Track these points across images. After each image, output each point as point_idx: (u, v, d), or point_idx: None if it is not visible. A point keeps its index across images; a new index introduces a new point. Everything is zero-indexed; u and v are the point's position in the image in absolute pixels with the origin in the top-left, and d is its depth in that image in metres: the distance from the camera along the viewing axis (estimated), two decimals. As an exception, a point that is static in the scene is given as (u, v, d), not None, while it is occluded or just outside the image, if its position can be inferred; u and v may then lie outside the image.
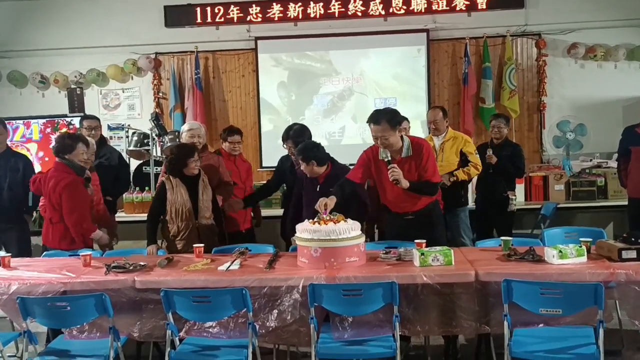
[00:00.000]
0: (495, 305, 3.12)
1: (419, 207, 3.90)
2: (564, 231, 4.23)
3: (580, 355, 2.92)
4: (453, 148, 5.01)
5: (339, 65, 7.63)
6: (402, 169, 3.74)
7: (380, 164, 3.81)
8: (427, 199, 3.90)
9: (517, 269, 3.16)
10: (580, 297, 2.89)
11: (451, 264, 3.26)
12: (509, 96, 7.29)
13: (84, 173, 4.25)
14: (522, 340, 3.05)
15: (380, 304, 3.04)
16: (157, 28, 7.64)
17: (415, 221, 3.89)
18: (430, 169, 3.81)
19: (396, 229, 3.98)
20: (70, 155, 4.20)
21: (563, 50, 7.39)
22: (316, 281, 3.09)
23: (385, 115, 3.76)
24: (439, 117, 5.08)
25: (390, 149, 3.77)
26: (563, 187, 6.13)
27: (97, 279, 3.28)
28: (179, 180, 4.23)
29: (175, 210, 4.18)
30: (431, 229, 3.86)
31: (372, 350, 3.10)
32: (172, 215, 4.19)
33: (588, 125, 7.25)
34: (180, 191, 4.20)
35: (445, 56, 7.56)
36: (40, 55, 7.75)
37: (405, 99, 7.44)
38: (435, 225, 3.95)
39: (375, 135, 3.79)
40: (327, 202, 3.58)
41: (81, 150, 4.22)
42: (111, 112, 7.91)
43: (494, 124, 5.60)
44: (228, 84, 7.81)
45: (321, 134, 7.24)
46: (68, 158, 4.20)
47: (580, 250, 3.24)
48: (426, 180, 3.80)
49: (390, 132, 3.72)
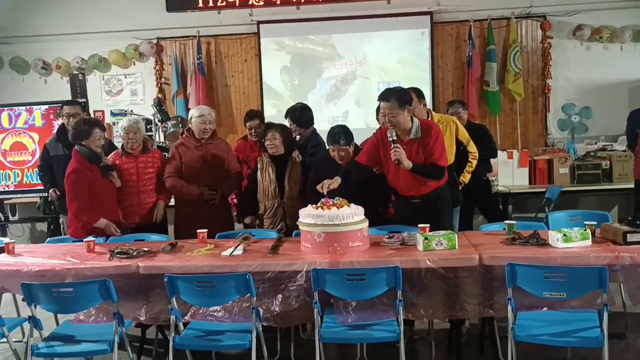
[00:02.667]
0: (499, 289, 3.11)
1: (425, 191, 3.86)
2: (568, 215, 4.21)
3: (584, 338, 2.92)
4: (446, 135, 4.22)
5: (341, 49, 7.57)
6: (410, 151, 3.72)
7: (388, 145, 3.77)
8: (434, 183, 3.86)
9: (521, 253, 3.15)
10: (584, 280, 2.88)
11: (455, 248, 3.25)
12: (513, 79, 7.23)
13: (99, 161, 4.22)
14: (526, 324, 3.05)
15: (383, 289, 3.04)
16: (159, 13, 7.58)
17: (422, 205, 3.86)
18: (437, 152, 3.75)
19: (402, 213, 3.96)
20: (87, 142, 4.18)
21: (568, 32, 7.30)
22: (319, 266, 3.09)
23: (395, 94, 3.76)
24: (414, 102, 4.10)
25: (398, 129, 3.75)
26: (568, 170, 6.10)
27: (101, 264, 3.29)
28: (269, 160, 4.35)
29: (262, 189, 4.33)
30: (437, 215, 3.83)
31: (375, 334, 3.10)
32: (260, 193, 4.35)
33: (593, 108, 7.18)
34: (269, 170, 4.33)
35: (449, 39, 7.49)
36: (42, 41, 7.71)
37: (409, 83, 7.28)
38: (441, 210, 3.91)
39: (384, 112, 3.77)
40: (331, 183, 3.59)
41: (98, 136, 4.20)
42: (113, 98, 7.90)
43: (452, 111, 5.31)
44: (230, 69, 7.77)
45: (324, 119, 7.20)
46: (85, 144, 4.18)
47: (585, 234, 3.22)
48: (432, 163, 3.76)
49: (398, 110, 3.70)
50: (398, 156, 3.64)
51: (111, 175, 4.27)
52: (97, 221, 4.10)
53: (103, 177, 4.21)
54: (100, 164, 4.22)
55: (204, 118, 4.51)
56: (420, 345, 3.89)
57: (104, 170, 4.23)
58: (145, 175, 4.45)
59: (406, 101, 3.75)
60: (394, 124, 3.72)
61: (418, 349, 3.84)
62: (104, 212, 4.14)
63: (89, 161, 4.15)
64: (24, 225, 7.18)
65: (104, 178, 4.22)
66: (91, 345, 3.09)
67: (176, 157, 4.50)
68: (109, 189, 4.26)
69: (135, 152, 4.46)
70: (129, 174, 4.41)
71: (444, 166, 3.83)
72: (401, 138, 3.76)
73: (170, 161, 4.53)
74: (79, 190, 4.08)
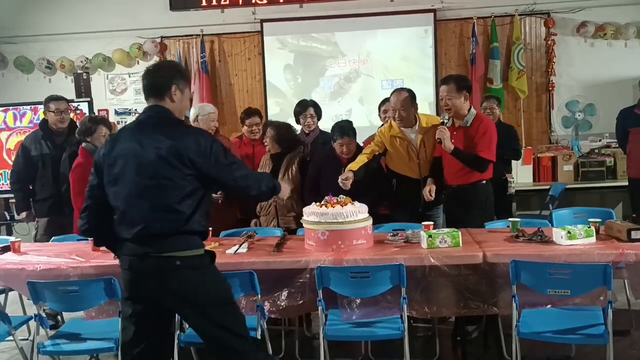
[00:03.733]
0: (503, 286, 3.12)
1: (461, 182, 3.97)
2: (572, 212, 4.22)
3: (588, 335, 2.93)
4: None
5: (345, 47, 7.57)
6: (456, 137, 3.91)
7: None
8: (473, 175, 3.93)
9: (525, 250, 3.15)
10: (588, 277, 2.88)
11: (459, 245, 3.25)
12: (517, 76, 7.21)
13: None
14: (530, 321, 3.06)
15: (388, 286, 3.05)
16: (162, 12, 7.58)
17: (453, 196, 4.01)
18: (482, 144, 3.88)
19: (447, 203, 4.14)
20: (91, 138, 4.23)
21: (572, 29, 7.28)
22: (323, 264, 3.10)
23: (455, 78, 4.03)
24: (406, 103, 4.09)
25: (452, 113, 3.94)
26: (572, 167, 6.10)
27: (107, 262, 3.29)
28: (269, 158, 4.40)
29: None
30: (466, 210, 3.92)
31: (380, 332, 3.12)
32: None
33: (597, 105, 7.16)
34: (266, 168, 4.36)
35: (452, 36, 7.47)
36: (46, 41, 7.73)
37: (412, 80, 7.37)
38: (472, 207, 3.96)
39: (442, 95, 3.99)
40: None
41: (102, 133, 4.25)
42: (118, 97, 7.91)
43: (486, 105, 5.42)
44: (234, 67, 7.77)
45: (328, 117, 7.14)
46: (90, 141, 4.22)
47: (589, 231, 3.22)
48: (475, 154, 3.87)
49: (455, 94, 3.91)
50: (441, 136, 3.84)
51: None
52: None
53: None
54: None
55: (212, 116, 4.57)
56: (424, 342, 3.89)
57: None
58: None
59: (464, 87, 3.95)
60: (449, 107, 3.93)
61: (423, 346, 3.85)
62: None
63: None
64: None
65: None
66: (97, 343, 3.12)
67: None
68: None
69: None
70: None
71: (486, 159, 3.90)
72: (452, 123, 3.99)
73: None
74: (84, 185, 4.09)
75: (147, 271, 2.49)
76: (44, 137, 4.85)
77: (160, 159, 2.47)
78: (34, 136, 4.95)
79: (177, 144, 2.48)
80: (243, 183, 2.64)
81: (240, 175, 2.63)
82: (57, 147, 4.79)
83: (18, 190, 4.97)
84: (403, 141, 4.17)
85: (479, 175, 3.94)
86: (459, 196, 3.99)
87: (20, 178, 4.91)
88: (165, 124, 2.58)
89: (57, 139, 4.83)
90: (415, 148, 4.15)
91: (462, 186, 3.97)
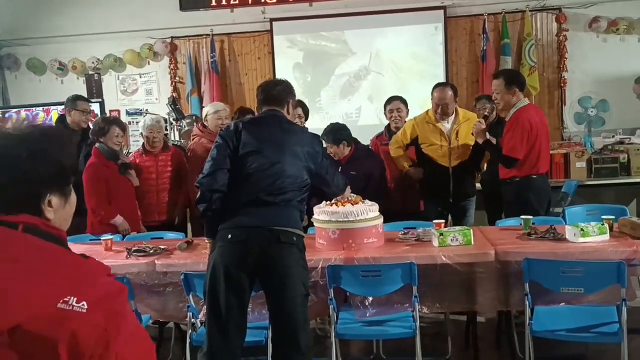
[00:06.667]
0: (515, 284, 3.10)
1: (504, 175, 4.16)
2: (585, 209, 4.18)
3: (602, 334, 2.90)
4: (469, 131, 4.35)
5: (354, 45, 7.55)
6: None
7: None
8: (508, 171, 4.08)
9: (537, 248, 3.13)
10: (602, 275, 2.86)
11: (470, 243, 3.24)
12: (528, 73, 7.12)
13: (116, 158, 4.28)
14: (543, 319, 3.03)
15: (399, 285, 3.04)
16: (173, 12, 7.61)
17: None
18: (505, 141, 4.01)
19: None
20: (104, 139, 4.25)
21: (584, 24, 7.20)
22: (334, 263, 3.09)
23: (505, 73, 4.26)
24: (449, 97, 4.29)
25: (500, 107, 4.18)
26: (584, 164, 6.03)
27: (119, 262, 3.32)
28: None
29: None
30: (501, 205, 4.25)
31: (391, 330, 3.11)
32: None
33: (610, 100, 7.08)
34: None
35: (463, 33, 7.43)
36: (57, 42, 7.78)
37: (422, 78, 7.35)
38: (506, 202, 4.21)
39: (493, 89, 4.19)
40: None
41: (115, 133, 4.26)
42: (129, 97, 7.96)
43: (479, 106, 5.17)
44: (244, 67, 7.78)
45: (338, 115, 7.18)
46: (103, 141, 4.25)
47: (603, 228, 3.19)
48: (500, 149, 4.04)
49: (504, 88, 4.03)
50: (475, 128, 4.04)
51: (129, 173, 4.31)
52: (114, 218, 4.15)
53: (120, 175, 4.26)
54: (118, 162, 4.27)
55: (219, 114, 4.59)
56: (436, 340, 3.88)
57: (122, 168, 4.28)
58: (165, 173, 4.51)
59: (514, 82, 4.05)
60: (498, 101, 4.09)
61: (434, 344, 3.83)
62: (121, 210, 4.19)
63: (106, 158, 4.20)
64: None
65: (122, 175, 4.27)
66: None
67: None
68: (126, 186, 4.30)
69: (157, 150, 4.51)
70: (149, 172, 4.48)
71: (509, 156, 4.00)
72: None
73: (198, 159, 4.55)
74: (97, 185, 4.14)
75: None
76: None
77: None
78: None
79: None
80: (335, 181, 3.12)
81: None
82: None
83: None
84: (436, 129, 4.31)
85: (513, 171, 4.05)
86: (504, 190, 4.21)
87: None
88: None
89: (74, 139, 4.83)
90: (447, 137, 4.28)
91: (505, 180, 4.14)
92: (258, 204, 2.75)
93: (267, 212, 2.74)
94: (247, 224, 2.73)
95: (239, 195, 2.78)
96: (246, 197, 2.77)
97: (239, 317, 2.74)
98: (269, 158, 2.79)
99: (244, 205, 2.76)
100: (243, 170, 2.79)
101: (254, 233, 2.71)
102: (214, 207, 2.76)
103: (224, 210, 2.78)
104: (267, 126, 2.90)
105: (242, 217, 2.74)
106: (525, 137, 3.96)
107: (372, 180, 4.24)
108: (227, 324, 2.70)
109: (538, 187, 4.08)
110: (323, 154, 3.04)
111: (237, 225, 2.74)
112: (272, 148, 2.82)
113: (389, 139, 4.70)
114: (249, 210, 2.75)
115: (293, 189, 2.80)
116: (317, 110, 7.33)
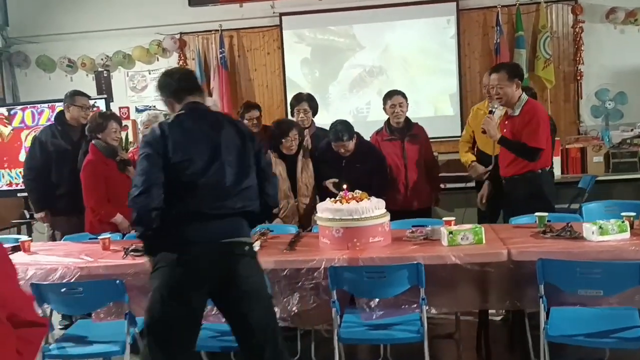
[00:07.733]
0: (529, 285, 2.93)
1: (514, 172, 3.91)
2: (604, 205, 4.00)
3: (623, 339, 2.73)
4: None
5: (363, 40, 7.39)
6: (503, 125, 3.91)
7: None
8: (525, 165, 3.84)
9: (553, 247, 2.96)
10: (622, 276, 2.69)
11: (482, 242, 3.08)
12: (543, 66, 6.95)
13: (114, 154, 4.18)
14: (559, 323, 2.87)
15: (405, 286, 2.89)
16: (181, 8, 7.53)
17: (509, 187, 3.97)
18: (528, 132, 3.78)
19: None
20: (102, 135, 4.16)
21: (601, 15, 6.98)
22: (338, 263, 2.95)
23: (507, 66, 4.01)
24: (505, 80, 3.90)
25: (503, 102, 3.87)
26: (602, 158, 5.86)
27: (115, 262, 3.22)
28: (278, 157, 4.25)
29: None
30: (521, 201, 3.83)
31: (398, 335, 2.97)
32: None
33: (629, 93, 6.86)
34: (279, 168, 4.20)
35: (476, 26, 7.24)
36: (67, 40, 7.74)
37: (434, 73, 7.18)
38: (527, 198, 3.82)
39: (492, 84, 3.93)
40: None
41: (113, 129, 4.17)
42: (138, 94, 7.89)
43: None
44: (253, 62, 7.67)
45: (347, 110, 7.05)
46: (100, 137, 4.15)
47: (623, 226, 3.02)
48: (523, 142, 3.79)
49: (507, 82, 3.83)
50: (486, 125, 3.85)
51: (128, 170, 4.21)
52: (114, 216, 4.05)
53: (119, 172, 4.16)
54: (117, 158, 4.17)
55: None
56: (446, 344, 3.72)
57: (121, 164, 4.18)
58: None
59: (516, 74, 3.88)
60: (500, 95, 3.85)
61: (444, 348, 3.68)
62: (121, 207, 4.07)
63: (104, 154, 4.11)
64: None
65: (121, 172, 4.17)
66: (103, 347, 3.03)
67: None
68: (125, 183, 4.19)
69: None
70: None
71: (534, 147, 3.79)
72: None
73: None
74: (96, 182, 4.05)
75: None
76: (60, 132, 4.66)
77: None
78: (49, 131, 4.70)
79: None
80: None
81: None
82: (74, 144, 4.63)
83: (35, 189, 4.69)
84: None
85: (531, 165, 3.85)
86: (515, 187, 3.93)
87: (39, 175, 4.62)
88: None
89: (74, 135, 4.69)
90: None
91: (514, 177, 3.91)
92: (202, 216, 2.49)
93: (213, 225, 2.50)
94: (193, 239, 2.48)
95: (178, 208, 2.49)
96: (186, 209, 2.49)
97: (192, 346, 2.59)
98: (204, 162, 2.52)
99: (185, 219, 2.49)
100: (178, 180, 2.49)
101: (203, 249, 2.47)
102: (154, 227, 2.46)
103: (162, 225, 2.47)
104: (194, 124, 2.58)
105: (187, 232, 2.48)
106: (545, 127, 3.86)
107: (379, 171, 4.25)
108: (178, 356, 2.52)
109: (550, 181, 4.02)
110: (260, 144, 2.79)
111: (182, 242, 2.48)
112: (206, 151, 2.54)
113: (389, 134, 4.57)
114: (192, 225, 2.48)
115: (236, 193, 2.55)
116: (327, 105, 7.19)
